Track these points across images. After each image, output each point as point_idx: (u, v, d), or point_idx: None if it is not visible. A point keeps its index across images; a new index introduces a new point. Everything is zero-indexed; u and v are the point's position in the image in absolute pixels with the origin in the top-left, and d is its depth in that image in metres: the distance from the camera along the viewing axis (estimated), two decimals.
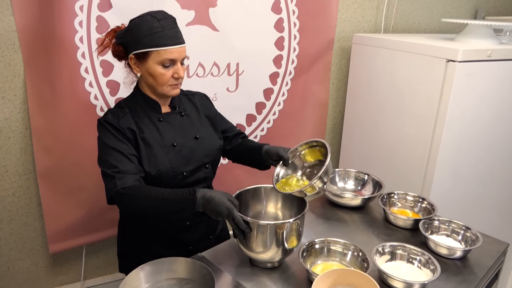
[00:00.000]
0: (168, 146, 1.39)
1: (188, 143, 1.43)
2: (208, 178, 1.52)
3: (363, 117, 2.41)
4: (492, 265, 1.40)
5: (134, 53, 1.31)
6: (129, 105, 1.40)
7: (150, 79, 1.34)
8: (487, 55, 1.89)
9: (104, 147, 1.31)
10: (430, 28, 2.86)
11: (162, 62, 1.30)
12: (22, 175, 1.86)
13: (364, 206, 1.71)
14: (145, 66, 1.32)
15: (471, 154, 2.07)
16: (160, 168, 1.35)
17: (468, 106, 1.95)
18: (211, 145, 1.50)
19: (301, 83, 2.39)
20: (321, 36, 2.36)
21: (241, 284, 1.22)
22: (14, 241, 1.94)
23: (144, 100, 1.41)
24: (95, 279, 2.21)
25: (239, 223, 1.18)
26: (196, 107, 1.54)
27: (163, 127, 1.41)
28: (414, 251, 1.31)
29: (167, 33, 1.29)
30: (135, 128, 1.35)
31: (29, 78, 1.72)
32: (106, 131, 1.33)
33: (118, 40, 1.36)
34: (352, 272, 1.14)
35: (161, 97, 1.42)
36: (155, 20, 1.28)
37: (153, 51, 1.29)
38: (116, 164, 1.27)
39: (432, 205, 1.61)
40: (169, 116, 1.44)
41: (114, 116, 1.35)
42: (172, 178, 1.38)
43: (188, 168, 1.42)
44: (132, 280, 1.14)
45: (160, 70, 1.31)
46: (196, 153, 1.44)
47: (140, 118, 1.38)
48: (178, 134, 1.42)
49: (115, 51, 1.38)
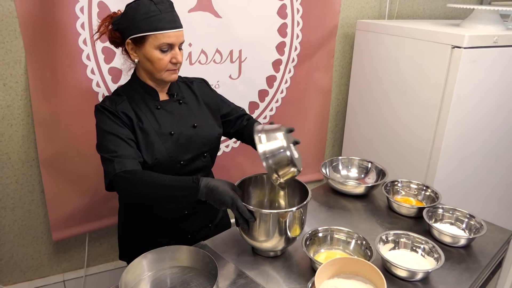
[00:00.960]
0: (166, 135, 1.37)
1: (186, 132, 1.41)
2: (207, 167, 1.50)
3: (367, 105, 2.39)
4: (496, 253, 1.39)
5: (131, 37, 1.29)
6: (127, 92, 1.38)
7: (147, 64, 1.32)
8: (493, 41, 1.86)
9: (102, 132, 1.29)
10: (435, 14, 2.82)
11: (159, 47, 1.27)
12: (25, 163, 1.86)
13: (368, 194, 1.71)
14: (142, 51, 1.29)
15: (476, 141, 2.06)
16: (157, 156, 1.33)
17: (473, 92, 1.93)
18: (210, 133, 1.47)
19: (304, 70, 2.37)
20: (324, 22, 2.33)
21: (244, 273, 1.22)
22: (18, 228, 1.95)
23: (141, 87, 1.39)
24: (98, 266, 2.22)
25: (243, 212, 1.17)
26: (195, 95, 1.51)
27: (161, 115, 1.39)
28: (418, 240, 1.31)
29: (165, 17, 1.26)
30: (132, 115, 1.33)
31: (31, 64, 1.71)
32: (104, 116, 1.31)
33: (114, 26, 1.33)
34: (355, 260, 1.14)
35: (159, 83, 1.39)
36: (152, 4, 1.26)
37: (150, 35, 1.26)
38: (115, 148, 1.25)
39: (436, 193, 1.60)
40: (167, 104, 1.42)
41: (112, 102, 1.33)
42: (170, 167, 1.37)
43: (186, 156, 1.41)
44: (135, 268, 1.14)
45: (158, 55, 1.28)
46: (194, 142, 1.43)
47: (137, 106, 1.36)
48: (176, 123, 1.40)
49: (112, 37, 1.35)
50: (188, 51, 1.96)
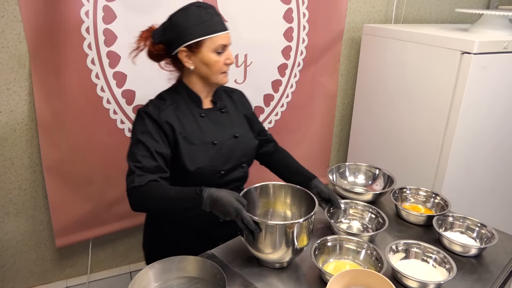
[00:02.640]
0: (209, 144, 1.37)
1: (227, 142, 1.41)
2: (244, 177, 1.50)
3: (373, 110, 2.36)
4: (507, 263, 1.37)
5: (186, 45, 1.30)
6: (171, 97, 1.38)
7: (204, 68, 1.33)
8: (503, 47, 1.84)
9: (135, 139, 1.30)
10: (441, 18, 2.80)
11: (216, 49, 1.30)
12: (28, 168, 1.84)
13: (375, 201, 1.68)
14: (199, 56, 1.31)
15: (485, 148, 2.03)
16: (200, 165, 1.34)
17: (482, 99, 1.90)
18: (249, 144, 1.48)
19: (310, 75, 2.35)
20: (330, 26, 2.31)
21: (252, 284, 1.19)
22: (21, 234, 1.93)
23: (187, 94, 1.39)
24: (101, 273, 2.20)
25: (248, 223, 1.15)
26: (235, 104, 1.52)
27: (204, 123, 1.39)
28: (429, 249, 1.28)
29: (216, 20, 1.31)
30: (175, 123, 1.33)
31: (35, 69, 1.69)
32: (142, 123, 1.31)
33: (156, 39, 1.33)
34: (367, 272, 1.11)
35: (208, 89, 1.41)
36: (201, 9, 1.29)
37: (206, 39, 1.29)
38: (140, 159, 1.26)
39: (446, 201, 1.57)
40: (210, 112, 1.42)
41: (156, 108, 1.33)
42: (210, 176, 1.37)
43: (226, 166, 1.41)
44: (142, 279, 1.12)
45: (215, 57, 1.31)
46: (235, 152, 1.43)
47: (182, 112, 1.37)
48: (218, 132, 1.41)
49: (155, 51, 1.35)
50: None
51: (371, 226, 1.48)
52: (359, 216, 1.52)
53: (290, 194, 1.39)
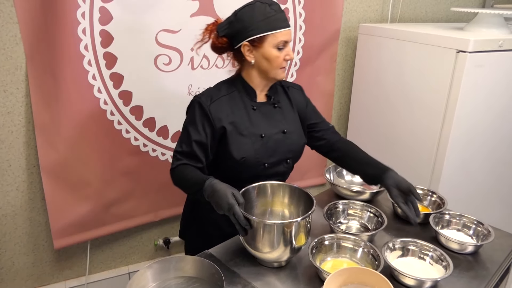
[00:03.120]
0: (257, 136, 1.42)
1: (275, 136, 1.45)
2: (287, 173, 1.54)
3: (369, 109, 2.37)
4: (504, 260, 1.38)
5: (249, 39, 1.34)
6: (227, 87, 1.44)
7: (264, 63, 1.37)
8: (498, 45, 1.85)
9: (184, 125, 1.41)
10: (437, 17, 2.81)
11: (277, 45, 1.34)
12: (25, 170, 1.84)
13: (372, 200, 1.69)
14: (261, 51, 1.35)
15: (481, 146, 2.04)
16: (245, 156, 1.39)
17: (478, 97, 1.91)
18: (297, 141, 1.51)
19: (306, 74, 2.35)
20: (327, 26, 2.31)
21: (249, 283, 1.20)
22: (19, 236, 1.93)
23: (243, 86, 1.44)
24: (100, 274, 2.20)
25: (239, 218, 1.16)
26: (290, 101, 1.54)
27: (255, 116, 1.44)
28: (426, 247, 1.28)
29: (280, 17, 1.34)
30: (226, 113, 1.38)
31: (31, 71, 1.69)
32: (192, 111, 1.40)
33: (221, 32, 1.38)
34: (364, 270, 1.12)
35: (267, 82, 1.45)
36: (266, 6, 1.33)
37: (269, 35, 1.33)
38: (182, 144, 1.38)
39: (442, 199, 1.58)
40: (262, 105, 1.46)
41: (208, 97, 1.39)
42: (254, 167, 1.42)
43: (270, 160, 1.44)
44: (140, 279, 1.12)
45: (276, 53, 1.34)
46: (281, 147, 1.46)
47: (235, 103, 1.42)
48: (267, 125, 1.45)
49: (218, 43, 1.40)
50: (190, 56, 1.94)
51: (370, 225, 1.48)
52: (358, 216, 1.52)
53: (288, 193, 1.39)
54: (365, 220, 1.50)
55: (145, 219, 2.15)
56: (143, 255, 2.32)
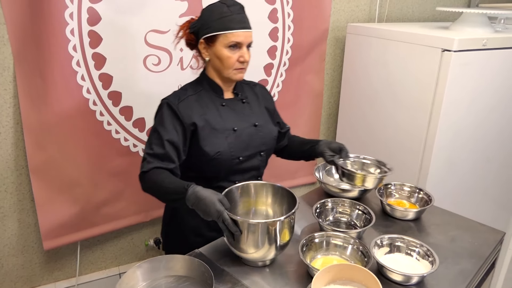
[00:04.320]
0: (229, 130, 1.44)
1: (247, 129, 1.48)
2: (261, 166, 1.56)
3: (358, 108, 2.39)
4: (489, 255, 1.40)
5: (204, 37, 1.38)
6: (194, 88, 1.47)
7: (217, 62, 1.40)
8: (482, 44, 1.88)
9: (153, 127, 1.40)
10: (424, 17, 2.84)
11: (228, 45, 1.36)
12: (14, 171, 1.83)
13: (361, 198, 1.71)
14: (213, 50, 1.38)
15: (467, 143, 2.07)
16: (219, 150, 1.40)
17: (463, 95, 1.94)
18: (269, 133, 1.54)
19: (295, 74, 2.37)
20: (315, 26, 2.33)
21: (239, 281, 1.21)
22: (7, 238, 1.92)
23: (209, 85, 1.47)
24: (90, 275, 2.20)
25: (229, 225, 1.17)
26: (257, 96, 1.59)
27: (225, 112, 1.46)
28: (412, 243, 1.31)
29: (235, 18, 1.35)
30: (196, 112, 1.40)
31: (19, 72, 1.68)
32: (162, 112, 1.39)
33: (191, 29, 1.43)
34: (352, 266, 1.14)
35: (226, 82, 1.47)
36: (224, 6, 1.36)
37: (221, 35, 1.35)
38: (152, 146, 1.36)
39: (429, 196, 1.61)
40: (231, 102, 1.49)
41: (176, 97, 1.41)
42: (229, 161, 1.43)
43: (245, 153, 1.47)
44: (130, 279, 1.13)
45: (227, 53, 1.36)
46: (254, 140, 1.49)
47: (203, 102, 1.44)
48: (238, 120, 1.47)
49: (188, 40, 1.46)
50: (180, 56, 1.95)
51: (359, 222, 1.50)
52: (346, 213, 1.54)
53: (271, 192, 1.40)
54: (354, 218, 1.52)
55: (135, 219, 2.15)
56: (134, 255, 2.31)
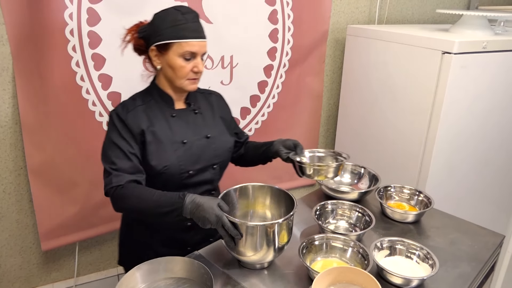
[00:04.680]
0: (178, 143, 1.37)
1: (198, 142, 1.41)
2: (215, 180, 1.49)
3: (358, 109, 2.39)
4: (489, 258, 1.40)
5: (155, 44, 1.31)
6: (143, 97, 1.40)
7: (169, 71, 1.34)
8: (482, 47, 1.88)
9: (108, 140, 1.33)
10: (423, 19, 2.84)
11: (182, 55, 1.30)
12: (12, 171, 1.82)
13: (361, 200, 1.70)
14: (166, 58, 1.32)
15: (467, 146, 2.07)
16: (167, 164, 1.34)
17: (463, 97, 1.94)
18: (222, 145, 1.48)
19: (295, 76, 2.37)
20: (315, 27, 2.33)
21: (239, 283, 1.20)
22: (5, 239, 1.91)
23: (159, 95, 1.40)
24: (88, 276, 2.19)
25: (229, 230, 1.15)
26: (211, 106, 1.52)
27: (175, 123, 1.39)
28: (412, 246, 1.30)
29: (190, 26, 1.30)
30: (144, 123, 1.34)
31: (18, 72, 1.68)
32: (113, 125, 1.33)
33: (140, 34, 1.36)
34: (352, 269, 1.13)
35: (178, 91, 1.41)
36: (178, 13, 1.29)
37: (174, 43, 1.29)
38: (115, 160, 1.28)
39: (429, 198, 1.60)
40: (182, 112, 1.42)
41: (124, 108, 1.35)
42: (178, 175, 1.37)
43: (195, 167, 1.40)
44: (129, 281, 1.12)
45: (181, 63, 1.31)
46: (206, 153, 1.43)
47: (152, 112, 1.37)
48: (189, 132, 1.41)
49: (136, 45, 1.38)
50: None
51: (359, 225, 1.50)
52: (346, 216, 1.54)
53: (269, 195, 1.39)
54: (354, 220, 1.52)
55: None
56: None
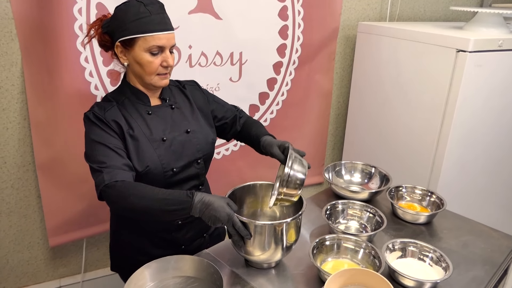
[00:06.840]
0: (158, 141, 1.31)
1: (179, 138, 1.35)
2: (200, 174, 1.43)
3: (368, 108, 2.36)
4: (502, 262, 1.37)
5: (120, 40, 1.23)
6: (116, 98, 1.32)
7: (137, 68, 1.26)
8: (498, 45, 1.85)
9: (91, 141, 1.24)
10: (436, 16, 2.80)
11: (149, 49, 1.22)
12: (21, 167, 1.82)
13: (371, 200, 1.68)
14: (132, 54, 1.24)
15: (480, 146, 2.04)
16: (148, 164, 1.27)
17: (477, 96, 1.91)
18: (204, 139, 1.41)
19: (305, 73, 2.34)
20: (325, 24, 2.30)
21: (249, 283, 1.19)
22: (13, 234, 1.91)
23: (132, 92, 1.32)
24: (95, 272, 2.18)
25: (239, 229, 1.13)
26: (188, 99, 1.45)
27: (152, 120, 1.32)
28: (425, 248, 1.28)
29: (154, 19, 1.21)
30: (122, 122, 1.27)
31: (27, 67, 1.67)
32: (92, 125, 1.25)
33: (104, 29, 1.27)
34: (364, 271, 1.11)
35: (150, 88, 1.33)
36: (141, 5, 1.21)
37: (139, 38, 1.21)
38: (104, 159, 1.20)
39: (441, 199, 1.58)
40: (159, 109, 1.35)
41: (101, 109, 1.27)
42: (161, 174, 1.30)
43: (178, 164, 1.34)
44: (138, 279, 1.11)
45: (148, 58, 1.23)
46: (188, 148, 1.36)
47: (128, 112, 1.30)
48: (168, 128, 1.34)
49: (101, 41, 1.30)
50: (188, 54, 1.92)
51: (369, 225, 1.47)
52: (357, 216, 1.52)
53: None
54: (364, 221, 1.50)
55: None
56: None
